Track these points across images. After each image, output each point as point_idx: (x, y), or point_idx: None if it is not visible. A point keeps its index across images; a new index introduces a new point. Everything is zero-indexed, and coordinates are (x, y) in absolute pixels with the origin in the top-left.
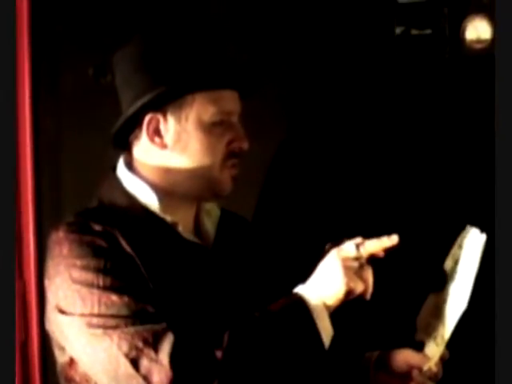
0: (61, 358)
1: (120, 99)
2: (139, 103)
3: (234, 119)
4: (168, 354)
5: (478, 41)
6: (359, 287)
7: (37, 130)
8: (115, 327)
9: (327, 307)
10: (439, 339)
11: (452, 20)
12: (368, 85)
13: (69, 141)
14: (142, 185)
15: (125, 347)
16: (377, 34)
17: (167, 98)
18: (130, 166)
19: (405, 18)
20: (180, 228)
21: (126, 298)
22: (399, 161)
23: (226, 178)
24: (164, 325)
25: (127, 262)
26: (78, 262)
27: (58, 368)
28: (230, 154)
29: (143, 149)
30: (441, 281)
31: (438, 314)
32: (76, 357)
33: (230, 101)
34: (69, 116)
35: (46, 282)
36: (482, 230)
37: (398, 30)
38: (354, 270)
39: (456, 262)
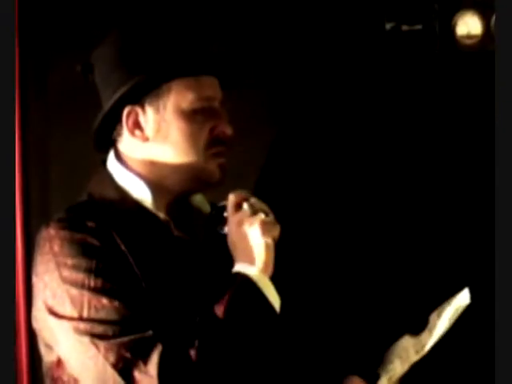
0: (48, 357)
1: (101, 98)
2: (115, 97)
3: (216, 105)
4: (156, 364)
5: (469, 36)
6: (275, 230)
7: (25, 128)
8: (102, 336)
9: (266, 273)
10: (393, 379)
11: (442, 16)
12: (358, 80)
13: (57, 138)
14: (133, 179)
15: (112, 358)
16: (367, 29)
17: (143, 88)
18: (120, 159)
19: (395, 14)
20: (172, 225)
21: (116, 303)
22: (390, 157)
23: (212, 167)
24: (152, 334)
25: (120, 261)
26: (69, 261)
27: (44, 367)
28: (214, 141)
29: (127, 144)
30: (420, 327)
31: (403, 355)
32: (65, 358)
33: (210, 87)
34: (57, 114)
35: (34, 279)
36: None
37: (388, 26)
38: (258, 222)
39: (439, 316)
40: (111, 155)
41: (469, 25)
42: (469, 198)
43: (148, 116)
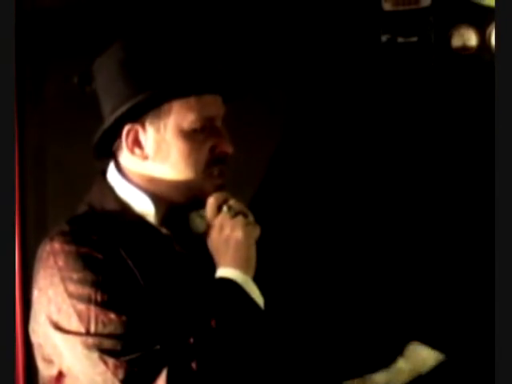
0: (46, 372)
1: (101, 108)
2: (115, 115)
3: (218, 124)
4: (165, 379)
5: (464, 48)
6: (256, 231)
7: (22, 138)
8: (111, 352)
9: (249, 275)
10: None
11: (438, 28)
12: (354, 92)
13: (54, 148)
14: (135, 192)
15: (121, 375)
16: (363, 41)
17: (143, 108)
18: (120, 171)
19: (390, 26)
20: (173, 240)
21: (124, 317)
22: (385, 168)
23: (209, 189)
24: (160, 348)
25: (126, 275)
26: (75, 276)
27: (41, 382)
28: (214, 160)
29: (126, 158)
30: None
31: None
32: (69, 374)
33: (212, 106)
34: (54, 124)
35: (36, 293)
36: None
37: (384, 38)
38: (239, 225)
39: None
40: (111, 166)
41: (464, 37)
42: (469, 205)
43: (148, 135)
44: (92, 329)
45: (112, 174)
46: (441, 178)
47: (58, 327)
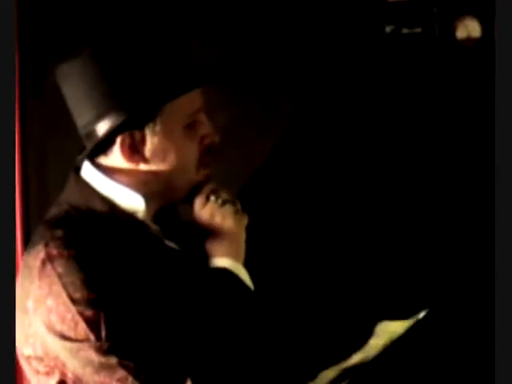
0: None
1: (74, 115)
2: (107, 126)
3: (201, 113)
4: (191, 380)
5: (468, 39)
6: (244, 219)
7: (23, 131)
8: (130, 356)
9: (240, 262)
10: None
11: (442, 19)
12: (358, 83)
13: (55, 142)
14: (122, 189)
15: (143, 377)
16: (367, 32)
17: (143, 119)
18: (101, 170)
19: (395, 17)
20: (162, 236)
21: (135, 319)
22: (387, 160)
23: (199, 179)
24: (177, 348)
25: (129, 275)
26: (78, 281)
27: None
28: (205, 151)
29: (114, 161)
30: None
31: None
32: (80, 381)
33: (197, 99)
34: (55, 117)
35: (30, 304)
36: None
37: (388, 29)
38: (229, 213)
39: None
40: (87, 164)
41: (468, 28)
42: (468, 196)
43: (145, 140)
44: (103, 334)
45: (90, 172)
46: (443, 172)
47: (64, 337)
